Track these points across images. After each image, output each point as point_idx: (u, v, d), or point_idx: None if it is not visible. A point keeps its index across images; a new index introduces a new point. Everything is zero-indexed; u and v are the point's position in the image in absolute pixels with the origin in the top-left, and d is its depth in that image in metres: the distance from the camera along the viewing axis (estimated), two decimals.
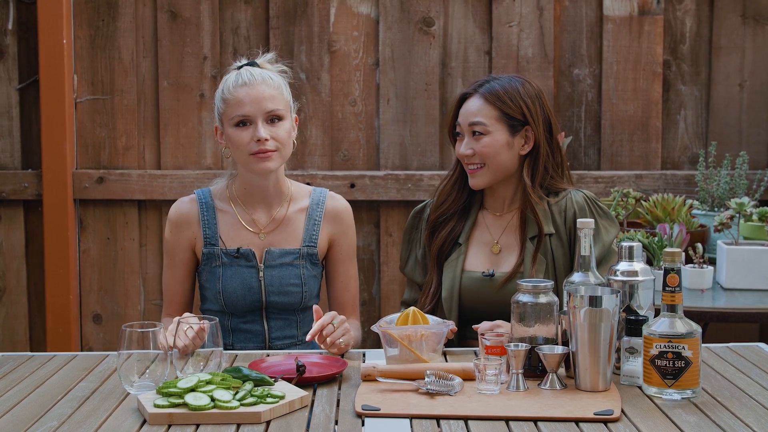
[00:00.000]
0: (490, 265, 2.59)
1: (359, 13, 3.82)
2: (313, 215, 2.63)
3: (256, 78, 2.51)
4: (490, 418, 1.91)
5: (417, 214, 2.72)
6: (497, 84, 2.56)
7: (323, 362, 2.26)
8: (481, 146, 2.54)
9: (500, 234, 2.61)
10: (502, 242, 2.60)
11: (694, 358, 2.00)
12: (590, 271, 2.18)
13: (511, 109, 2.54)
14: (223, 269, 2.57)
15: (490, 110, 2.54)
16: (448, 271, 2.59)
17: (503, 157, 2.55)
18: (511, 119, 2.55)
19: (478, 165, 2.56)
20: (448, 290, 2.57)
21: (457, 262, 2.59)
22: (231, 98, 2.51)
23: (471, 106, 2.57)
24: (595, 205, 2.58)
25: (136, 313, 3.87)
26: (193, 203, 2.63)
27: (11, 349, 3.85)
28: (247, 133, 2.50)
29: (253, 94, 2.50)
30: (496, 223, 2.63)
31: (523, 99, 2.55)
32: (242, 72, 2.54)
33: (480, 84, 2.59)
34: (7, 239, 3.88)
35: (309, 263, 2.61)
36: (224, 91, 2.54)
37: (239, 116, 2.50)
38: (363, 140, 3.85)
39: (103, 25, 3.81)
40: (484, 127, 2.54)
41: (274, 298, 2.58)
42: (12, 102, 3.84)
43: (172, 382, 1.95)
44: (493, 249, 2.61)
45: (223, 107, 2.53)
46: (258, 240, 2.60)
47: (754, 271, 3.23)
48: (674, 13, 3.82)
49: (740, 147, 3.83)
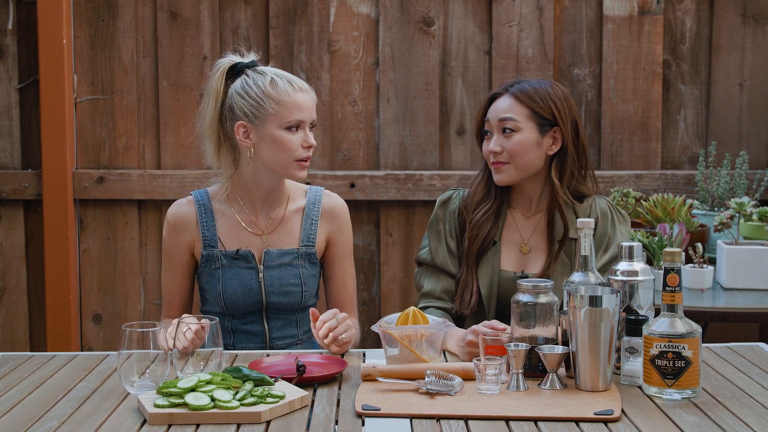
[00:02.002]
0: (519, 265, 2.61)
1: (359, 13, 3.82)
2: (310, 214, 2.63)
3: (306, 85, 2.56)
4: (490, 418, 1.91)
5: (444, 204, 2.71)
6: (527, 84, 2.60)
7: (323, 362, 2.26)
8: (511, 144, 2.55)
9: (530, 235, 2.63)
10: (531, 243, 2.62)
11: (694, 357, 2.00)
12: (590, 271, 2.19)
13: (542, 108, 2.56)
14: (222, 271, 2.57)
15: (520, 108, 2.57)
16: (486, 269, 2.60)
17: (531, 156, 2.57)
18: (541, 118, 2.57)
19: (504, 162, 2.57)
20: (487, 288, 2.58)
21: (494, 260, 2.61)
22: (290, 101, 2.50)
23: (501, 104, 2.59)
24: (617, 212, 2.63)
25: (136, 313, 3.87)
26: (191, 205, 2.61)
27: (11, 349, 3.85)
28: (297, 137, 2.52)
29: (309, 101, 2.54)
30: (525, 224, 2.65)
31: (552, 99, 2.58)
32: (288, 76, 2.54)
33: (510, 84, 2.61)
34: (7, 239, 3.88)
35: (308, 263, 2.61)
36: (280, 93, 2.50)
37: (297, 120, 2.51)
38: (363, 140, 3.85)
39: (103, 25, 3.82)
40: (515, 124, 2.55)
41: (275, 299, 2.58)
42: (12, 102, 3.84)
43: (172, 382, 1.96)
44: (522, 249, 2.62)
45: (277, 108, 2.50)
46: (258, 241, 2.60)
47: (754, 271, 3.23)
48: (674, 13, 3.82)
49: (740, 147, 3.83)
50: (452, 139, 3.85)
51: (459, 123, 3.85)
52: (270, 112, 2.50)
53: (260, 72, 2.54)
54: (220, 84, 2.57)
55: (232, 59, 2.59)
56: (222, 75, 2.57)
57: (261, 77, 2.53)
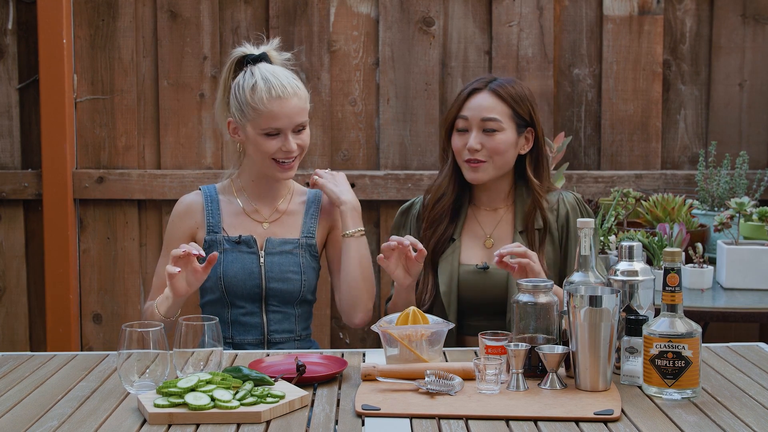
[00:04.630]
0: (483, 259, 2.61)
1: (359, 13, 3.81)
2: (310, 209, 2.70)
3: (288, 91, 2.53)
4: (490, 418, 1.91)
5: (405, 212, 2.76)
6: (505, 82, 2.62)
7: (323, 362, 2.26)
8: (494, 143, 2.57)
9: (493, 228, 2.66)
10: (495, 236, 2.65)
11: (694, 357, 2.00)
12: (590, 271, 2.19)
13: (522, 109, 2.61)
14: (224, 255, 2.61)
15: (503, 108, 2.59)
16: (445, 266, 2.62)
17: (509, 155, 2.61)
18: (520, 119, 2.61)
19: (482, 160, 2.58)
20: (447, 284, 2.59)
21: (453, 257, 2.62)
22: (264, 110, 2.52)
23: (483, 101, 2.59)
24: (584, 207, 2.67)
25: (136, 313, 3.87)
26: (198, 195, 2.70)
27: (11, 349, 3.85)
28: (275, 142, 2.55)
29: (286, 109, 2.53)
30: (488, 218, 2.67)
31: (529, 100, 2.63)
32: (272, 81, 2.53)
33: (488, 81, 2.62)
34: (7, 239, 3.87)
35: (308, 254, 2.65)
36: (254, 99, 2.53)
37: (272, 129, 2.54)
38: (363, 140, 3.85)
39: (103, 24, 3.81)
40: (499, 124, 2.57)
41: (274, 285, 2.60)
42: (12, 102, 3.84)
43: (172, 382, 1.96)
44: (486, 243, 2.65)
45: (253, 115, 2.54)
46: (260, 229, 2.65)
47: (754, 271, 3.22)
48: (674, 13, 3.82)
49: (740, 147, 3.83)
50: None
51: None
52: (249, 117, 2.56)
53: (252, 72, 2.57)
54: (229, 75, 2.65)
55: (243, 50, 2.64)
56: (231, 66, 2.65)
57: (249, 80, 2.56)
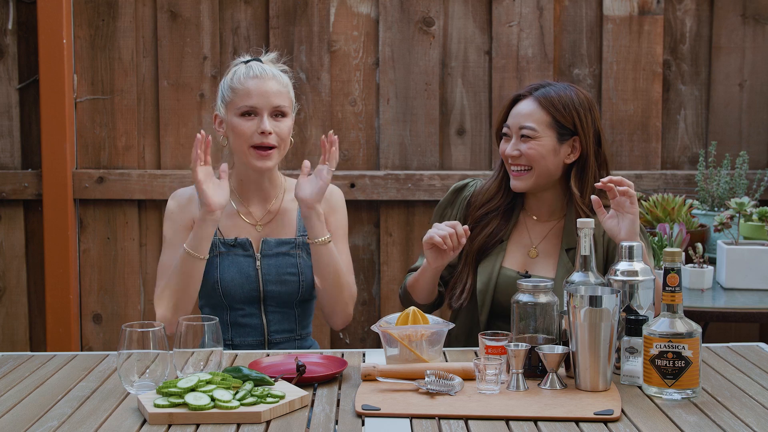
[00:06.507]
0: (526, 268, 2.59)
1: (359, 13, 3.81)
2: None
3: (266, 72, 2.57)
4: (490, 418, 1.91)
5: (457, 191, 2.72)
6: (552, 90, 2.57)
7: (323, 362, 2.26)
8: (527, 148, 2.54)
9: (540, 240, 2.62)
10: (541, 248, 2.62)
11: (694, 357, 2.00)
12: (590, 271, 2.19)
13: (563, 117, 2.55)
14: (220, 259, 2.59)
15: (542, 115, 2.55)
16: (486, 265, 2.59)
17: (548, 162, 2.55)
18: (561, 127, 2.55)
19: (524, 167, 2.56)
20: (485, 283, 2.57)
21: (497, 258, 2.60)
22: (241, 88, 2.55)
23: (523, 108, 2.57)
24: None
25: (136, 313, 3.87)
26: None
27: (11, 349, 3.85)
28: (252, 123, 2.55)
29: (263, 87, 2.55)
30: (536, 228, 2.64)
31: (576, 109, 2.56)
32: (253, 65, 2.58)
33: (535, 87, 2.59)
34: (7, 239, 3.88)
35: (305, 252, 2.62)
36: (234, 80, 2.57)
37: (247, 106, 2.55)
38: (363, 140, 3.85)
39: (103, 25, 3.81)
40: (534, 132, 2.54)
41: (272, 287, 2.59)
42: (12, 102, 3.84)
43: (172, 382, 1.96)
44: (530, 253, 2.62)
45: (231, 96, 2.57)
46: (255, 232, 2.63)
47: (754, 271, 3.23)
48: (674, 13, 3.82)
49: (740, 147, 3.83)
50: (452, 139, 3.85)
51: (459, 123, 3.85)
52: (227, 100, 2.58)
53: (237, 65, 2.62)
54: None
55: (240, 60, 2.66)
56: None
57: (233, 68, 2.61)
